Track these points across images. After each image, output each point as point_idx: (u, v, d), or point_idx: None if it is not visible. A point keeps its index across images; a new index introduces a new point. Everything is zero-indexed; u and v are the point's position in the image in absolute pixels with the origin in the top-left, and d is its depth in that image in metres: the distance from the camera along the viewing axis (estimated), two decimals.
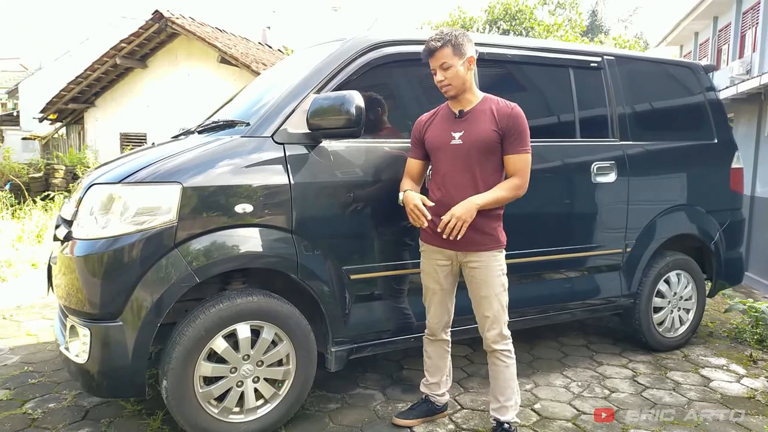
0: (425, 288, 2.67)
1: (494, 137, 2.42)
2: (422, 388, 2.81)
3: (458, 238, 2.38)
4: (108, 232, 2.28)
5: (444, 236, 2.40)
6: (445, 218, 2.38)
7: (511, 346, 2.55)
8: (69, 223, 2.50)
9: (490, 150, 2.43)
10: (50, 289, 2.75)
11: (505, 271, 2.54)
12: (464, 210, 2.36)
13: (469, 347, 3.81)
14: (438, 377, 2.76)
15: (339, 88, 2.69)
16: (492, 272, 2.48)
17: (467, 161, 2.44)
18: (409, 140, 2.89)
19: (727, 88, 9.16)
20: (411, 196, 2.50)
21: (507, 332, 2.54)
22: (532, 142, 3.19)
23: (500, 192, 2.42)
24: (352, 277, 2.70)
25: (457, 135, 2.47)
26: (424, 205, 2.46)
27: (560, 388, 3.20)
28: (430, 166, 2.63)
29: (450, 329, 2.74)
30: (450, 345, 2.76)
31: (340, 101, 2.46)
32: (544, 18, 22.67)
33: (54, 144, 14.09)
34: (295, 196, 2.52)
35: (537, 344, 3.88)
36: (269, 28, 16.56)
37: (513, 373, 2.55)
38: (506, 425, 2.54)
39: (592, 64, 3.49)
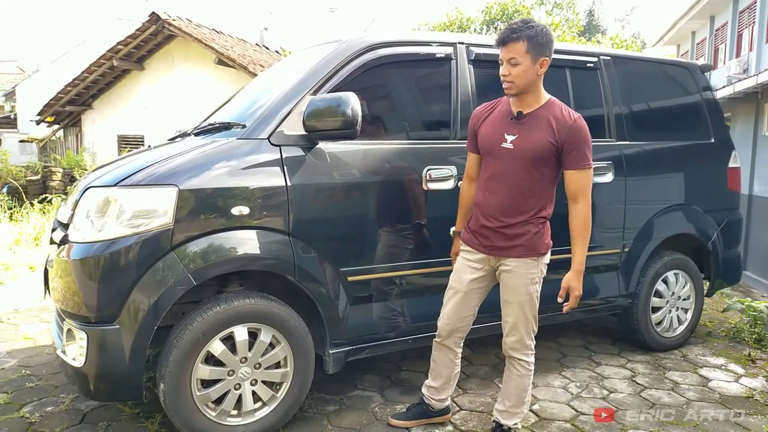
0: (448, 286, 2.60)
1: (549, 149, 2.27)
2: (423, 389, 2.79)
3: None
4: (104, 235, 2.27)
5: (567, 310, 2.40)
6: (570, 304, 2.37)
7: (531, 358, 2.47)
8: (65, 227, 2.50)
9: (541, 161, 2.28)
10: (47, 292, 2.74)
11: (537, 280, 2.41)
12: (578, 284, 2.34)
13: (468, 348, 3.80)
14: (438, 382, 2.71)
15: (335, 89, 2.68)
16: (520, 279, 2.39)
17: (513, 169, 2.31)
18: (405, 142, 2.91)
19: (724, 87, 9.16)
20: (456, 244, 2.65)
21: (529, 342, 2.45)
22: None
23: (583, 240, 2.33)
24: (350, 278, 2.70)
25: (509, 138, 2.32)
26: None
27: (559, 388, 3.20)
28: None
29: (461, 342, 2.65)
30: (458, 357, 2.66)
31: (337, 103, 2.45)
32: (541, 18, 22.68)
33: (51, 146, 14.07)
34: (291, 198, 2.52)
35: (536, 345, 3.86)
36: (266, 29, 16.54)
37: (526, 384, 2.49)
38: (506, 428, 2.54)
39: (588, 65, 3.49)
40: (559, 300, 2.40)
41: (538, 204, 2.36)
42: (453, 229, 2.74)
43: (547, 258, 2.46)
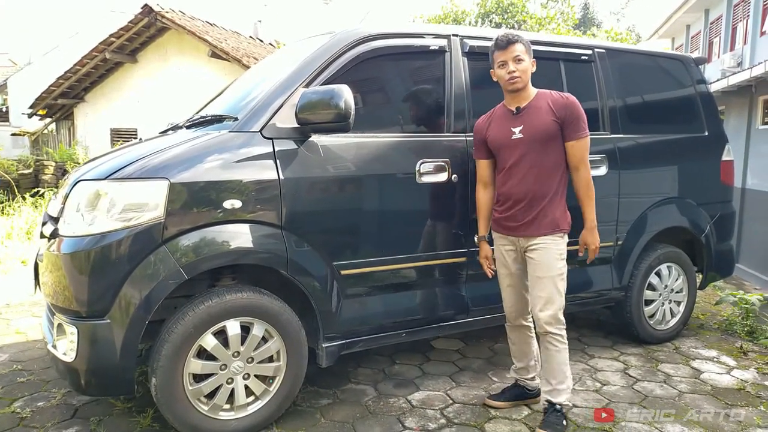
0: (498, 274, 2.79)
1: (554, 127, 2.55)
2: (512, 373, 2.93)
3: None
4: (95, 228, 2.25)
5: (590, 260, 2.73)
6: (590, 255, 2.70)
7: (564, 332, 2.63)
8: (56, 220, 2.47)
9: (550, 139, 2.56)
10: (37, 286, 2.72)
11: (564, 256, 2.62)
12: (594, 238, 2.65)
13: (462, 341, 3.81)
14: (525, 362, 2.84)
15: (328, 82, 2.66)
16: (550, 255, 2.57)
17: (529, 152, 2.57)
18: (399, 134, 2.90)
19: (718, 80, 9.18)
20: (484, 249, 2.80)
21: (561, 317, 2.61)
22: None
23: (589, 200, 2.62)
24: (343, 272, 2.69)
25: (517, 130, 2.59)
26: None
27: None
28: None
29: (530, 317, 2.79)
30: (533, 330, 2.80)
31: (330, 95, 2.44)
32: (536, 11, 22.64)
33: (44, 140, 13.97)
34: (284, 192, 2.50)
35: None
36: (260, 21, 16.43)
37: (565, 358, 2.63)
38: (558, 406, 2.62)
39: (582, 57, 3.48)
40: (580, 255, 2.68)
41: (556, 183, 2.59)
42: (477, 235, 2.86)
43: (567, 237, 2.66)
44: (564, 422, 2.60)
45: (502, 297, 2.82)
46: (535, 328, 2.72)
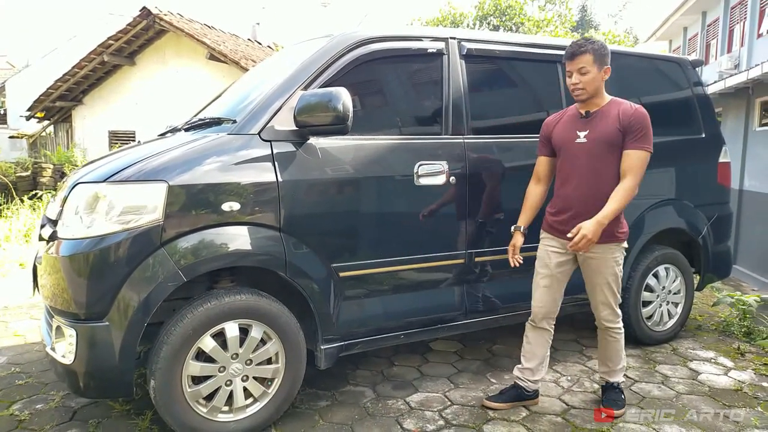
0: (535, 272, 2.85)
1: (618, 135, 2.56)
2: (515, 372, 2.93)
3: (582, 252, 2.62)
4: (93, 231, 2.26)
5: (571, 249, 2.58)
6: (576, 238, 2.50)
7: (620, 323, 2.81)
8: (54, 223, 2.47)
9: (613, 147, 2.57)
10: (36, 289, 2.72)
11: (620, 261, 2.71)
12: (593, 231, 2.49)
13: (460, 343, 3.82)
14: (533, 363, 2.86)
15: (326, 84, 2.67)
16: (604, 263, 2.67)
17: (590, 158, 2.61)
18: (397, 136, 2.91)
19: (715, 82, 9.20)
20: (516, 237, 2.86)
21: (618, 311, 2.78)
22: (523, 138, 3.20)
23: (618, 203, 2.52)
24: (341, 274, 2.70)
25: (582, 134, 2.64)
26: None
27: (550, 382, 3.21)
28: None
29: (554, 322, 2.86)
30: (552, 336, 2.88)
31: (328, 98, 2.45)
32: (534, 13, 22.69)
33: (42, 142, 13.97)
34: (282, 194, 2.51)
35: None
36: (258, 24, 16.46)
37: (622, 344, 2.84)
38: (615, 383, 2.86)
39: None
40: (569, 235, 2.57)
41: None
42: (514, 225, 2.89)
43: (625, 244, 2.74)
44: (623, 397, 2.85)
45: (534, 295, 2.84)
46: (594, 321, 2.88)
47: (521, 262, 2.85)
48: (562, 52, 3.42)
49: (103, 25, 16.87)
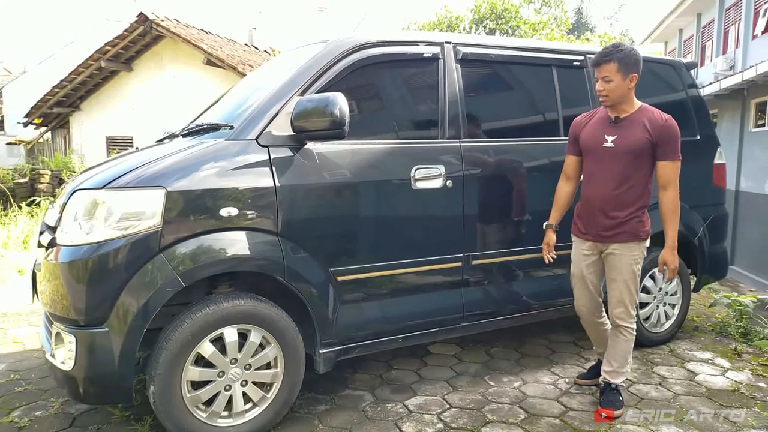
0: (571, 274, 3.01)
1: (646, 145, 2.65)
2: (595, 355, 3.20)
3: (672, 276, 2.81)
4: (92, 237, 2.27)
5: (668, 279, 2.95)
6: (668, 274, 2.78)
7: (634, 324, 2.86)
8: (53, 230, 2.48)
9: (641, 155, 2.67)
10: (35, 296, 2.72)
11: (639, 260, 2.80)
12: (672, 257, 2.72)
13: (458, 346, 3.83)
14: (605, 347, 3.00)
15: (323, 89, 2.69)
16: (624, 260, 2.76)
17: (616, 163, 2.70)
18: (394, 141, 2.93)
19: (711, 84, 9.25)
20: (548, 236, 2.98)
21: (633, 312, 2.84)
22: (519, 141, 3.23)
23: (673, 220, 2.72)
24: (339, 278, 2.71)
25: (610, 139, 2.72)
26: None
27: (548, 384, 3.22)
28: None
29: (602, 313, 3.00)
30: (607, 323, 3.00)
31: (324, 103, 2.46)
32: (529, 16, 22.77)
33: (39, 149, 13.96)
34: (280, 199, 2.52)
35: (526, 342, 3.90)
36: (255, 29, 16.49)
37: (630, 347, 2.88)
38: (613, 386, 2.89)
39: (575, 63, 3.52)
40: (658, 273, 2.89)
41: (638, 195, 2.73)
42: (546, 222, 3.02)
43: (647, 242, 2.82)
44: (621, 398, 2.88)
45: (574, 295, 3.02)
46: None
47: (555, 257, 2.97)
48: (557, 56, 3.49)
49: (100, 31, 16.88)
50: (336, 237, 2.73)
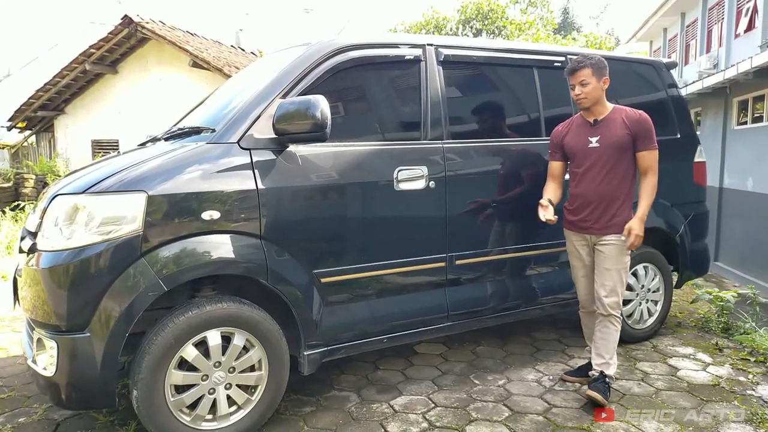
0: (571, 266, 3.21)
1: (627, 139, 2.91)
2: (587, 353, 3.28)
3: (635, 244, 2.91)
4: (73, 242, 2.26)
5: (628, 248, 2.95)
6: (631, 239, 2.88)
7: (620, 316, 3.02)
8: (34, 235, 2.47)
9: (624, 149, 2.92)
10: (17, 302, 2.71)
11: (629, 252, 2.98)
12: (639, 227, 2.88)
13: (444, 345, 3.85)
14: None
15: (305, 92, 2.70)
16: (618, 250, 2.94)
17: (603, 160, 2.94)
18: (376, 142, 2.94)
19: (694, 82, 9.35)
20: (543, 207, 3.04)
21: (620, 303, 3.01)
22: (501, 141, 3.27)
23: (648, 198, 2.92)
24: (323, 280, 2.72)
25: (594, 139, 2.97)
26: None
27: (532, 382, 3.25)
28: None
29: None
30: None
31: (306, 106, 2.47)
32: (516, 16, 22.89)
33: (24, 153, 13.81)
34: (263, 202, 2.53)
35: (510, 340, 3.93)
36: (242, 30, 16.43)
37: (617, 338, 3.03)
38: (607, 376, 2.99)
39: (556, 64, 3.55)
40: (622, 238, 2.92)
41: (626, 187, 2.95)
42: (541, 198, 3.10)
43: None
44: (608, 391, 2.97)
45: (576, 287, 3.21)
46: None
47: (555, 218, 3.00)
48: (538, 57, 3.52)
49: (85, 33, 16.74)
50: (319, 239, 2.74)
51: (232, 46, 14.37)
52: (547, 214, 3.02)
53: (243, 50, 14.60)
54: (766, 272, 7.07)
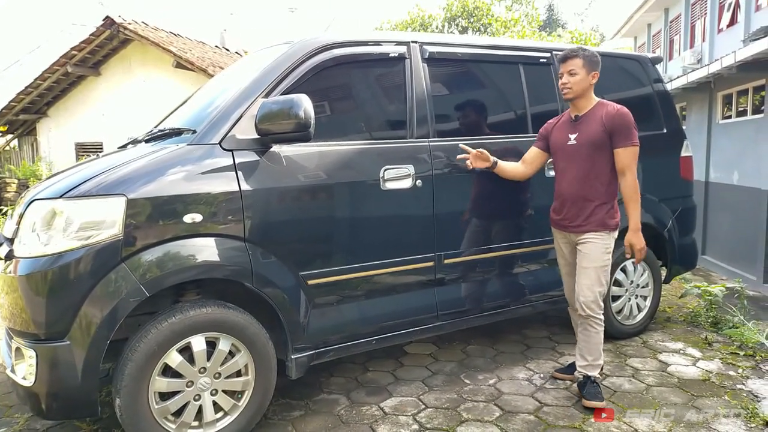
0: (558, 264, 3.19)
1: (602, 136, 2.82)
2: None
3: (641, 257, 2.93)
4: (51, 248, 2.20)
5: (638, 261, 3.01)
6: (636, 255, 2.90)
7: (602, 316, 2.94)
8: (11, 241, 2.40)
9: (599, 147, 2.84)
10: None
11: (610, 251, 2.91)
12: (637, 238, 2.86)
13: (434, 345, 3.82)
14: None
15: (288, 91, 2.66)
16: (596, 249, 2.88)
17: (580, 158, 2.88)
18: (361, 142, 2.90)
19: (679, 77, 9.40)
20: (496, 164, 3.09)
21: (601, 303, 2.91)
22: (486, 139, 3.24)
23: (634, 204, 2.85)
24: (309, 282, 2.67)
25: (572, 137, 2.92)
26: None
27: (523, 381, 3.23)
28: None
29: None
30: None
31: (289, 105, 2.43)
32: (501, 14, 22.94)
33: (6, 157, 13.61)
34: (246, 204, 2.48)
35: (500, 338, 3.91)
36: (226, 30, 16.29)
37: (601, 338, 2.95)
38: (592, 378, 2.93)
39: (541, 60, 3.53)
40: (627, 256, 2.98)
41: (604, 186, 2.87)
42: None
43: (616, 233, 2.94)
44: (600, 390, 2.92)
45: (563, 284, 3.19)
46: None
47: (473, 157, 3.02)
48: (523, 53, 3.50)
49: (67, 35, 16.57)
50: (305, 241, 2.69)
51: (216, 46, 14.25)
52: (472, 156, 3.00)
53: (228, 50, 14.48)
54: (752, 265, 7.12)
